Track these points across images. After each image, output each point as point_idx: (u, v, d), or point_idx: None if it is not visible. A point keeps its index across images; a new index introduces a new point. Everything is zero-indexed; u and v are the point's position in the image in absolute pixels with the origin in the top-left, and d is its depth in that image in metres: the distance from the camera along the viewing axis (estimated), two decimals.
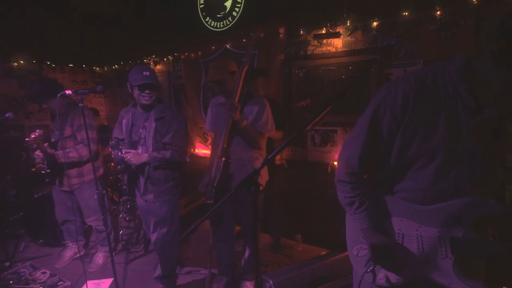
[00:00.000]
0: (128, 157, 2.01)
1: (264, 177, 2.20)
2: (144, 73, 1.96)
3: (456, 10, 2.24)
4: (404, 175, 1.02)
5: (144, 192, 2.18)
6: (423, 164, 0.97)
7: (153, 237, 2.24)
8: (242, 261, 2.41)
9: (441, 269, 0.95)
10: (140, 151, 2.11)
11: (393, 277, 1.04)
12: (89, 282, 2.52)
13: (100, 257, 2.91)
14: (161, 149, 2.09)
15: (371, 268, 1.06)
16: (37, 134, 2.26)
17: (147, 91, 2.01)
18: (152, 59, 4.38)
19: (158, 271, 2.35)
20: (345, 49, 2.74)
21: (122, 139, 2.23)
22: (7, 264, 2.81)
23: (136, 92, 2.01)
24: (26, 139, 2.26)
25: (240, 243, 2.53)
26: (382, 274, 1.06)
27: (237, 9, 3.30)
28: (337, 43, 2.78)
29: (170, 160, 2.09)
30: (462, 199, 0.93)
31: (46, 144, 2.36)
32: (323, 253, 2.68)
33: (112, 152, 2.09)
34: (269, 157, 1.04)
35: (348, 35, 2.69)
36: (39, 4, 3.94)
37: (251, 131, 1.99)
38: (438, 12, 2.28)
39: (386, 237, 1.05)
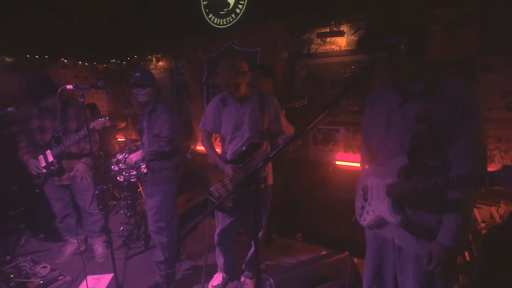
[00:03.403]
0: (130, 160, 2.34)
1: (269, 178, 2.22)
2: (136, 74, 2.24)
3: (460, 10, 2.22)
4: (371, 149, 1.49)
5: (146, 180, 2.38)
6: (372, 142, 1.47)
7: (148, 221, 2.42)
8: (246, 258, 2.41)
9: (384, 208, 1.29)
10: (143, 139, 2.37)
11: (365, 219, 1.43)
12: (89, 277, 2.52)
13: (100, 247, 2.93)
14: (153, 141, 2.28)
15: (359, 212, 1.48)
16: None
17: (139, 89, 2.23)
18: (154, 56, 4.37)
19: (156, 256, 2.42)
20: (349, 48, 2.72)
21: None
22: (8, 258, 2.82)
23: (133, 90, 2.28)
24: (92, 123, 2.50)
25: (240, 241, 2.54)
26: (361, 217, 1.46)
27: (240, 6, 3.29)
28: (341, 42, 2.76)
29: (158, 151, 2.26)
30: (391, 160, 1.30)
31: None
32: (323, 252, 2.68)
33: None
34: (270, 155, 1.03)
35: (352, 34, 2.67)
36: None
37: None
38: (442, 12, 2.25)
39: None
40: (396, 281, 1.41)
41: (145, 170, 2.33)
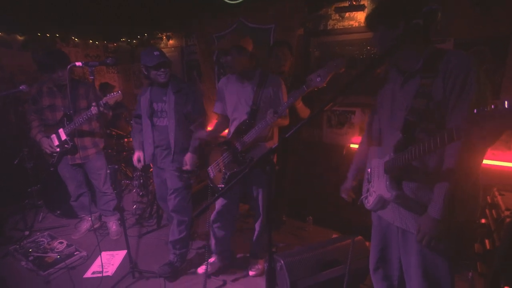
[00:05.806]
0: (191, 166, 2.25)
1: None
2: (155, 53, 2.08)
3: None
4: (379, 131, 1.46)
5: (172, 160, 2.30)
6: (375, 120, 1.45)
7: (170, 202, 2.39)
8: (253, 240, 2.40)
9: (383, 186, 1.28)
10: (161, 123, 2.26)
11: (369, 201, 1.43)
12: (104, 253, 2.60)
13: (114, 225, 2.99)
14: (183, 121, 2.23)
15: (365, 195, 1.49)
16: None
17: (162, 69, 2.12)
18: (165, 34, 4.27)
19: (172, 235, 2.42)
20: None
21: (139, 115, 2.38)
22: (26, 233, 2.92)
23: (153, 72, 2.13)
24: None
25: (247, 222, 2.52)
26: (366, 200, 1.46)
27: None
28: (361, 17, 2.59)
29: (201, 128, 2.27)
30: (390, 138, 1.29)
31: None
32: (334, 235, 2.66)
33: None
34: (286, 136, 0.98)
35: None
36: None
37: (279, 122, 2.01)
38: None
39: None
40: (401, 263, 1.42)
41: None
